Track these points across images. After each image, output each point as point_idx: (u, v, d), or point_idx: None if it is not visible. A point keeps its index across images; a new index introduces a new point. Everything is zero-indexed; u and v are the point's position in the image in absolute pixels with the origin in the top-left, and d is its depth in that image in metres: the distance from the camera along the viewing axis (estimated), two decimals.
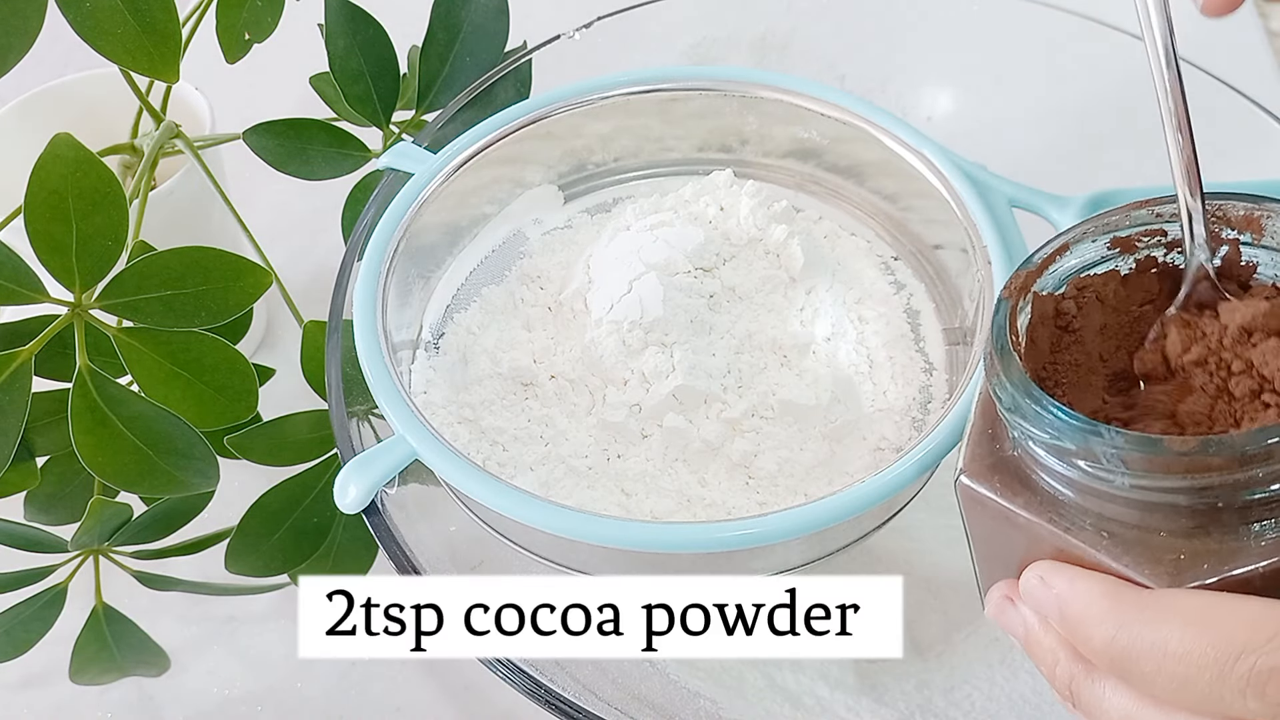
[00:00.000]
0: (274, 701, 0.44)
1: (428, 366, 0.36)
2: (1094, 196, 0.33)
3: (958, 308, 0.36)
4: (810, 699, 0.38)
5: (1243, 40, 0.62)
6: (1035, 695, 0.38)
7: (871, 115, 0.37)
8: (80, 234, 0.34)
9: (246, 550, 0.39)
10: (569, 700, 0.30)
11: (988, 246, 0.33)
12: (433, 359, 0.37)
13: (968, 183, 0.34)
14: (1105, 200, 0.33)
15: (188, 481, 0.36)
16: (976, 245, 0.33)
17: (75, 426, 0.35)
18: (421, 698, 0.43)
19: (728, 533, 0.29)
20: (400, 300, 0.36)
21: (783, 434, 0.34)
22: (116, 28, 0.37)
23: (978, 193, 0.34)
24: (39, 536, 0.38)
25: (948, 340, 0.36)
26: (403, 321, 0.36)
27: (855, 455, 0.34)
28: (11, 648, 0.38)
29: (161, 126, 0.45)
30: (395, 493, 0.35)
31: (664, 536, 0.28)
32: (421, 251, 0.37)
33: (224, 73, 0.44)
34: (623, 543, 0.29)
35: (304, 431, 0.39)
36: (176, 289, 0.36)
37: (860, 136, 0.37)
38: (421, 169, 0.37)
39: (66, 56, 0.47)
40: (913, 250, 0.38)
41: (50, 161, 0.34)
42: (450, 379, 0.36)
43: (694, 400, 0.34)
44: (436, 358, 0.37)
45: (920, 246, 0.38)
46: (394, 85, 0.45)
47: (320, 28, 0.43)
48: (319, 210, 0.51)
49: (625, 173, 0.42)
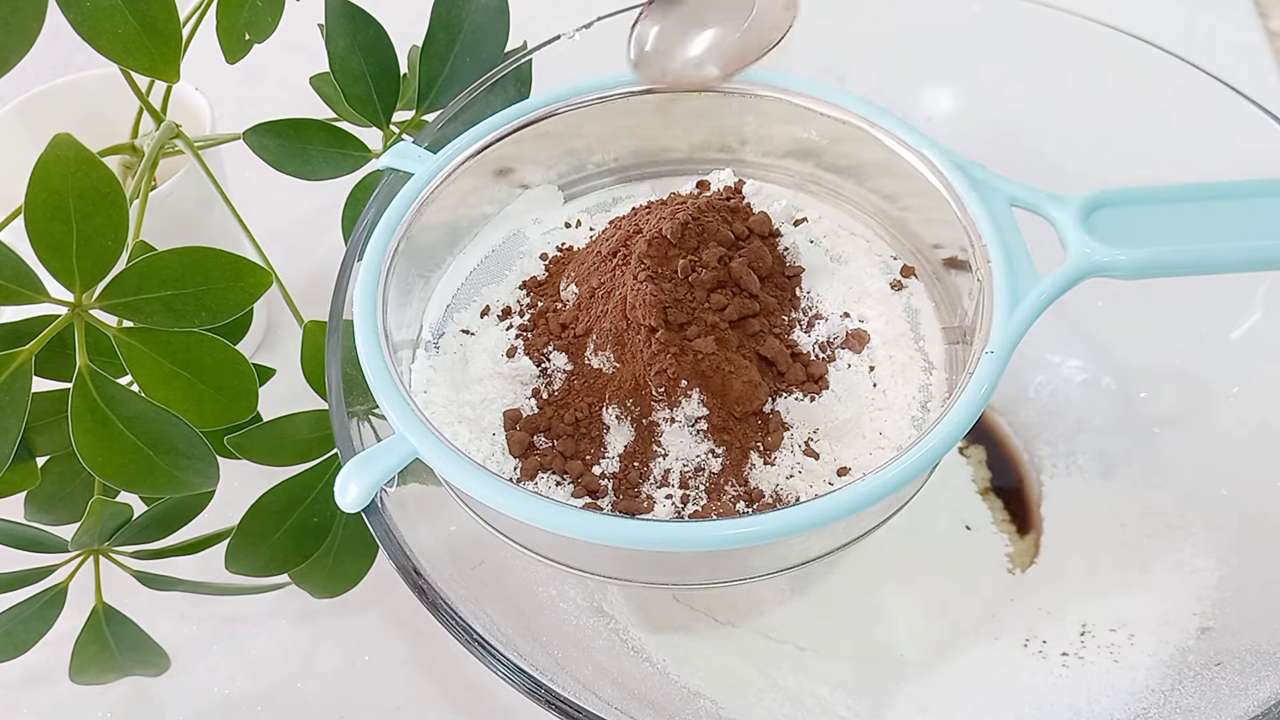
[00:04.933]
0: (274, 701, 0.44)
1: (428, 365, 0.36)
2: (1094, 195, 0.33)
3: (957, 306, 0.36)
4: (810, 699, 0.38)
5: (1243, 40, 0.62)
6: (1035, 695, 0.38)
7: (871, 115, 0.37)
8: (80, 234, 0.34)
9: (246, 550, 0.39)
10: (569, 700, 0.30)
11: (987, 245, 0.33)
12: (433, 358, 0.37)
13: (967, 182, 0.34)
14: (1105, 199, 0.33)
15: (188, 481, 0.36)
16: (976, 244, 0.33)
17: (75, 426, 0.35)
18: (421, 698, 0.43)
19: (729, 530, 0.29)
20: (400, 300, 0.36)
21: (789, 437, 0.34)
22: (117, 27, 0.37)
23: (977, 192, 0.34)
24: (39, 536, 0.38)
25: (947, 339, 0.36)
26: (403, 321, 0.36)
27: (854, 454, 0.34)
28: (12, 647, 0.38)
29: (162, 126, 0.45)
30: (395, 492, 0.35)
31: (664, 534, 0.28)
32: (421, 251, 0.37)
33: (224, 73, 0.44)
34: (623, 541, 0.29)
35: (304, 431, 0.39)
36: (177, 289, 0.36)
37: (860, 136, 0.37)
38: (422, 169, 0.37)
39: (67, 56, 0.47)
40: (912, 250, 0.38)
41: (50, 162, 0.34)
42: (450, 378, 0.36)
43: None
44: (436, 357, 0.37)
45: (920, 246, 0.38)
46: (394, 85, 0.45)
47: (320, 28, 0.43)
48: (319, 210, 0.51)
49: (625, 172, 0.42)
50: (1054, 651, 0.39)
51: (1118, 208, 0.33)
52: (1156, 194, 0.32)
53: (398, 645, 0.45)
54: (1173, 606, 0.39)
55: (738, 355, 0.32)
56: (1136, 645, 0.38)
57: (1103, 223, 0.32)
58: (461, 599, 0.32)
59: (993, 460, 0.46)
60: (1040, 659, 0.39)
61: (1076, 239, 0.32)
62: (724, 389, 0.32)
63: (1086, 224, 0.32)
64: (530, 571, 0.40)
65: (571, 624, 0.39)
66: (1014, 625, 0.41)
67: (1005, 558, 0.43)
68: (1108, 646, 0.39)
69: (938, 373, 0.35)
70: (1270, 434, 0.41)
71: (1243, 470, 0.41)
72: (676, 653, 0.39)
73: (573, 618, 0.39)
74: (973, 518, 0.44)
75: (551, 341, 0.35)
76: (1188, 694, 0.35)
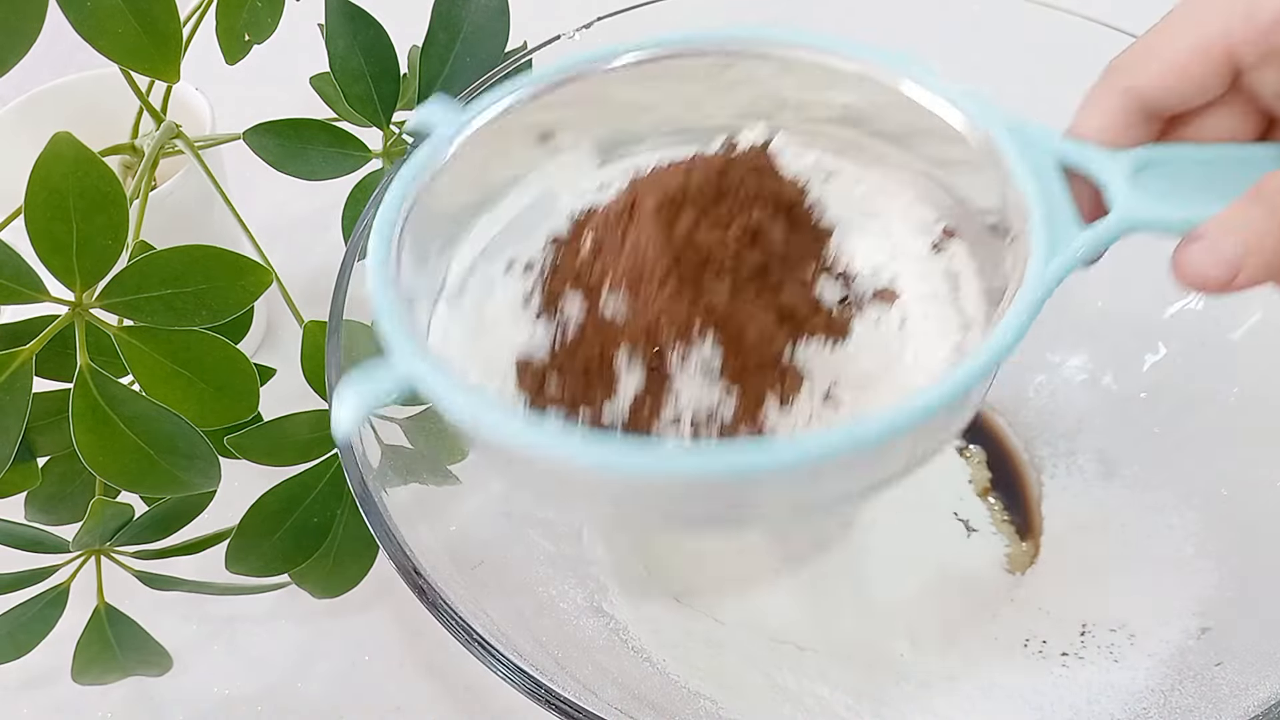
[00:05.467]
0: (274, 701, 0.44)
1: (446, 316, 0.35)
2: (1143, 151, 0.32)
3: (999, 268, 0.35)
4: (810, 699, 0.38)
5: None
6: (1036, 695, 0.38)
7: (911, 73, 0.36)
8: (81, 234, 0.34)
9: (247, 550, 0.39)
10: (569, 700, 0.30)
11: (1028, 197, 0.32)
12: (452, 309, 0.36)
13: (1011, 139, 0.33)
14: (1154, 157, 0.32)
15: (189, 481, 0.36)
16: (1019, 204, 0.32)
17: (76, 426, 0.35)
18: (421, 698, 0.43)
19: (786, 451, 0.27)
20: (420, 251, 0.35)
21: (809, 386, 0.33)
22: (117, 27, 0.37)
23: (1022, 149, 0.33)
24: (40, 537, 0.38)
25: (988, 300, 0.35)
26: (424, 273, 0.35)
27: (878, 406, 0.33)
28: (14, 648, 0.38)
29: (162, 126, 0.45)
30: (395, 492, 0.35)
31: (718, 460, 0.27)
32: (447, 206, 0.36)
33: (224, 73, 0.44)
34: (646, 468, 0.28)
35: (304, 431, 0.39)
36: (177, 288, 0.36)
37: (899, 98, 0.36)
38: (452, 124, 0.36)
39: (67, 56, 0.47)
40: (957, 214, 0.37)
41: (51, 161, 0.34)
42: (467, 327, 0.35)
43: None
44: (456, 308, 0.36)
45: (965, 209, 0.37)
46: (394, 85, 0.45)
47: (320, 28, 0.43)
48: (319, 210, 0.51)
49: (663, 137, 0.41)
50: (1054, 651, 0.39)
51: (1167, 166, 0.32)
52: (1207, 153, 0.32)
53: (398, 645, 0.45)
54: (1173, 606, 0.39)
55: (756, 303, 0.32)
56: (1136, 645, 0.38)
57: (1151, 180, 0.32)
58: (461, 599, 0.32)
59: (993, 460, 0.46)
60: (1040, 659, 0.39)
61: (1123, 192, 0.31)
62: (739, 335, 0.31)
63: (1134, 180, 0.31)
64: (530, 571, 0.40)
65: (571, 624, 0.39)
66: (1014, 625, 0.41)
67: (1005, 558, 0.43)
68: (1108, 646, 0.39)
69: (974, 331, 0.34)
70: (1270, 434, 0.41)
71: (1243, 470, 0.41)
72: (676, 653, 0.39)
73: (573, 618, 0.39)
74: (973, 518, 0.44)
75: (567, 290, 0.34)
76: (1188, 694, 0.35)
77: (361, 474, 0.33)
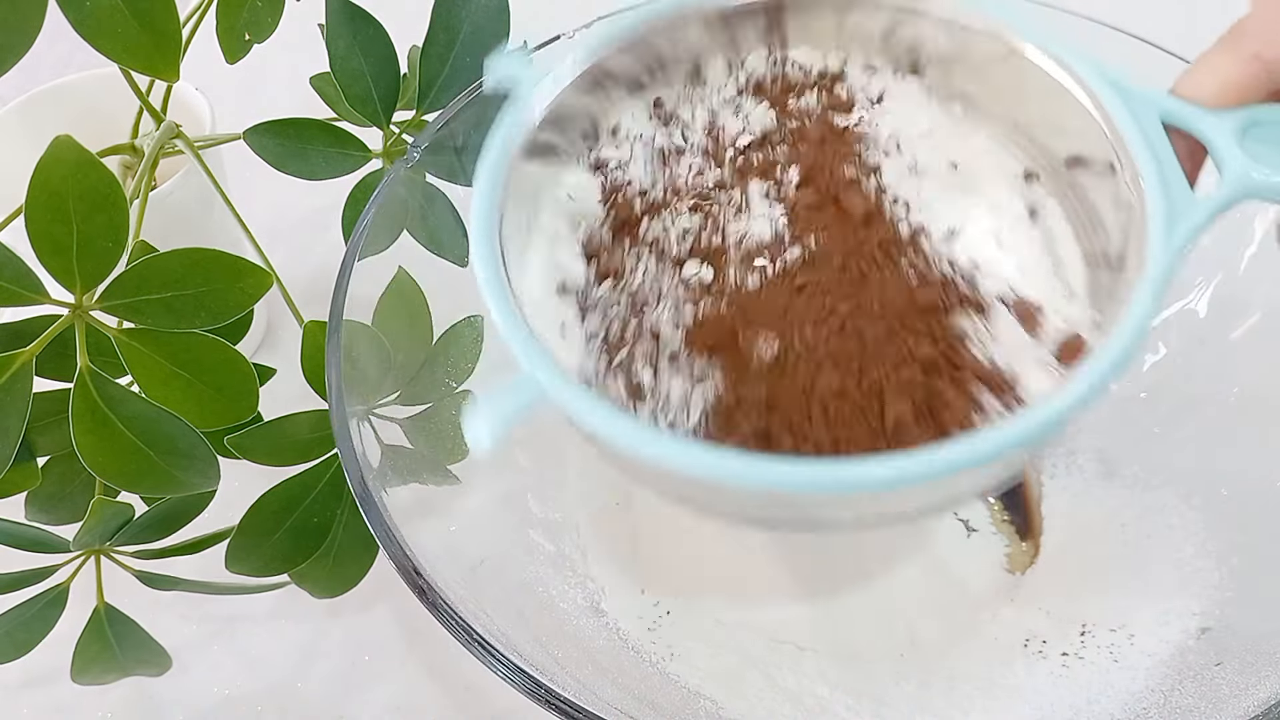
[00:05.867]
0: (274, 701, 0.44)
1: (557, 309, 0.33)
2: (1250, 111, 0.29)
3: (1099, 229, 0.33)
4: (810, 699, 0.38)
5: None
6: (1036, 695, 0.38)
7: (1007, 18, 0.34)
8: (81, 235, 0.34)
9: (247, 550, 0.39)
10: (569, 700, 0.30)
11: (1139, 164, 0.30)
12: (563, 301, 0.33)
13: (1114, 92, 0.32)
14: (1261, 116, 0.30)
15: (189, 482, 0.36)
16: (1125, 162, 0.31)
17: (76, 427, 0.35)
18: (421, 698, 0.43)
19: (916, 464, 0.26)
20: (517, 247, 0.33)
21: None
22: (117, 27, 0.37)
23: (1125, 103, 0.31)
24: (40, 536, 0.38)
25: (1088, 264, 0.33)
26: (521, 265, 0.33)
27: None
28: (13, 648, 0.38)
29: (162, 126, 0.45)
30: (395, 492, 0.35)
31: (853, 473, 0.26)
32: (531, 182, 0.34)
33: (224, 73, 0.44)
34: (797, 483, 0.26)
35: (304, 431, 0.39)
36: (177, 290, 0.36)
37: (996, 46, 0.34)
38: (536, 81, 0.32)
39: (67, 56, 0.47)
40: (1050, 167, 0.35)
41: (51, 163, 0.34)
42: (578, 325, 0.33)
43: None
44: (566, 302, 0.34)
45: (1059, 163, 0.35)
46: (394, 85, 0.45)
47: (320, 28, 0.43)
48: (319, 210, 0.51)
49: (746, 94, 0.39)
50: (1054, 651, 0.39)
51: (1275, 126, 0.29)
52: None
53: (398, 645, 0.45)
54: (1173, 606, 0.39)
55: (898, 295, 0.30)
56: (1136, 645, 0.38)
57: (1260, 141, 0.29)
58: (461, 599, 0.32)
59: None
60: (1040, 659, 0.39)
61: (1233, 157, 0.29)
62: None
63: (1243, 142, 0.29)
64: (530, 571, 0.40)
65: (571, 624, 0.39)
66: (1014, 625, 0.41)
67: (1005, 558, 0.43)
68: (1108, 646, 0.39)
69: (1079, 301, 0.32)
70: (1271, 435, 0.41)
71: (1243, 470, 0.41)
72: (676, 653, 0.39)
73: (573, 618, 0.39)
74: (973, 518, 0.44)
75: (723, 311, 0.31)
76: (1188, 694, 0.35)
77: (361, 474, 0.33)
